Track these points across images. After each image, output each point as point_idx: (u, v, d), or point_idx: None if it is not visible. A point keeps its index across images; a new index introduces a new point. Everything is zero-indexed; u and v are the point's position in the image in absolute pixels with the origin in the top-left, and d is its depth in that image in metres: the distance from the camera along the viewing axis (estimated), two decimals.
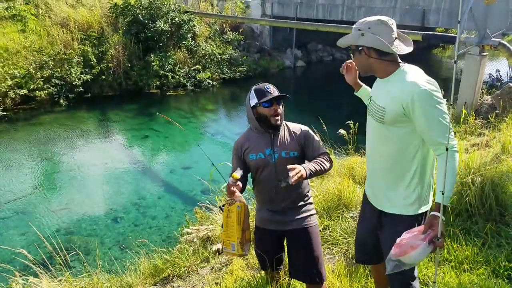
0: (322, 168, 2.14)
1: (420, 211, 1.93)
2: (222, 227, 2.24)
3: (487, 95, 6.57)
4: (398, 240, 1.76)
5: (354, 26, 1.97)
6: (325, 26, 12.61)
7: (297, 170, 1.96)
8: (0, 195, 7.56)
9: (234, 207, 2.11)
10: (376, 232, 2.10)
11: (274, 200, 2.27)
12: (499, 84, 9.15)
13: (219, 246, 3.37)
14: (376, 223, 2.09)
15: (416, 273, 1.99)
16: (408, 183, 1.90)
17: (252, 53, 18.84)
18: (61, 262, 3.87)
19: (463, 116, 5.74)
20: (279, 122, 2.23)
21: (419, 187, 1.91)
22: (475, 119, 5.97)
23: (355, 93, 2.49)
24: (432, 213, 1.77)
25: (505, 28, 6.11)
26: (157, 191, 7.94)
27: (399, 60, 1.92)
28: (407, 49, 1.92)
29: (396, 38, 1.92)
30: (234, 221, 2.11)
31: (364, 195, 2.24)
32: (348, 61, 2.38)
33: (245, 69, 16.93)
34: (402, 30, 10.41)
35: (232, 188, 2.13)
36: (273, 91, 2.28)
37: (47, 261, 5.69)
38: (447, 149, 1.69)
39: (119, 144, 10.50)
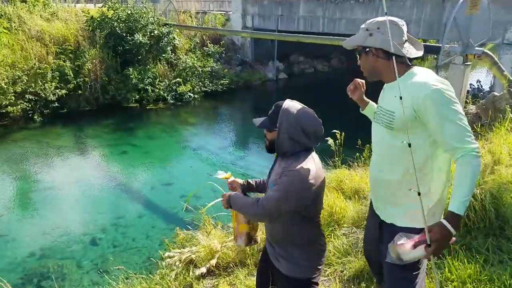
0: (245, 209, 1.91)
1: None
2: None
3: (471, 104, 6.62)
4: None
5: (362, 26, 1.86)
6: (307, 37, 12.69)
7: (225, 197, 2.00)
8: None
9: None
10: (378, 243, 1.98)
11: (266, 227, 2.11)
12: (480, 94, 9.32)
13: (203, 270, 3.15)
14: (378, 235, 1.99)
15: None
16: (417, 195, 1.75)
17: (234, 66, 18.79)
18: None
19: None
20: (267, 146, 2.02)
21: (429, 201, 1.77)
22: None
23: (361, 111, 2.32)
24: (441, 219, 1.62)
25: (487, 38, 6.22)
26: (137, 210, 7.63)
27: (409, 63, 1.80)
28: (418, 53, 1.81)
29: (406, 40, 1.82)
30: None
31: (371, 204, 2.11)
32: (357, 79, 2.23)
33: (227, 81, 16.82)
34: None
35: (232, 186, 2.25)
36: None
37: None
38: (465, 154, 1.57)
39: (96, 161, 10.13)
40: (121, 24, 14.94)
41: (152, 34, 15.36)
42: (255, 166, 9.67)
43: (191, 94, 15.26)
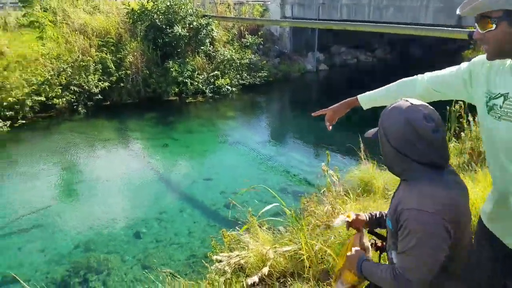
0: (382, 284, 1.44)
1: None
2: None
3: None
4: None
5: None
6: (353, 25, 12.14)
7: (353, 257, 1.57)
8: (18, 207, 7.45)
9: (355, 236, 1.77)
10: (500, 281, 1.65)
11: None
12: None
13: (255, 279, 3.04)
14: (503, 267, 1.63)
15: None
16: None
17: (272, 58, 18.56)
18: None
19: None
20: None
21: None
22: None
23: (365, 108, 2.18)
24: None
25: None
26: (178, 204, 7.70)
27: None
28: None
29: None
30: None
31: (482, 227, 1.74)
32: (327, 116, 2.21)
33: (265, 74, 16.65)
34: (437, 28, 9.78)
35: (355, 227, 1.79)
36: None
37: (68, 280, 5.52)
38: None
39: (139, 154, 10.34)
40: (160, 16, 15.12)
41: (191, 26, 15.43)
42: (295, 162, 9.49)
43: (229, 87, 15.24)
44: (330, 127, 2.30)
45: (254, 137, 11.57)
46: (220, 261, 3.54)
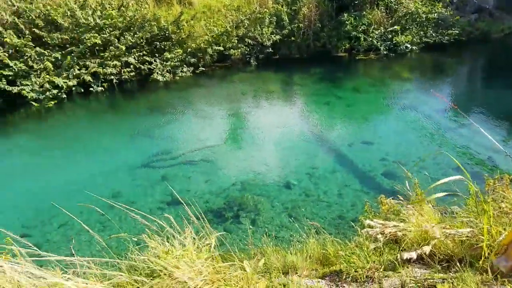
0: None
1: None
2: None
3: None
4: None
5: None
6: None
7: None
8: (192, 142, 8.54)
9: None
10: None
11: None
12: None
13: (413, 254, 2.62)
14: None
15: None
16: None
17: (468, 13, 15.77)
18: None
19: None
20: None
21: None
22: None
23: None
24: None
25: None
26: (332, 164, 7.51)
27: None
28: None
29: None
30: None
31: None
32: None
33: (457, 32, 14.33)
34: None
35: None
36: None
37: (222, 212, 6.11)
38: None
39: (300, 108, 10.47)
40: None
41: None
42: (479, 138, 7.97)
43: (408, 45, 13.74)
44: None
45: (431, 103, 10.21)
46: (372, 227, 3.21)
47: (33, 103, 10.16)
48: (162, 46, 12.56)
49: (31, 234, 5.78)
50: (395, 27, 13.99)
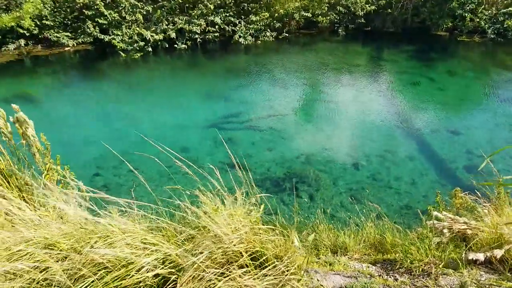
0: None
1: None
2: None
3: None
4: None
5: None
6: None
7: None
8: (262, 108, 8.51)
9: None
10: None
11: None
12: None
13: (480, 256, 2.31)
14: None
15: None
16: None
17: None
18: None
19: None
20: None
21: None
22: None
23: None
24: None
25: None
26: (409, 150, 6.99)
27: None
28: None
29: None
30: None
31: None
32: None
33: None
34: None
35: None
36: None
37: (281, 182, 6.06)
38: None
39: (384, 86, 9.82)
40: None
41: None
42: None
43: None
44: None
45: None
46: (440, 220, 2.90)
47: (121, 53, 10.87)
48: (250, 8, 12.50)
49: (102, 174, 6.28)
50: (510, 8, 12.29)
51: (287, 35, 12.74)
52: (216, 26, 12.16)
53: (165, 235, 1.62)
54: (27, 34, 10.88)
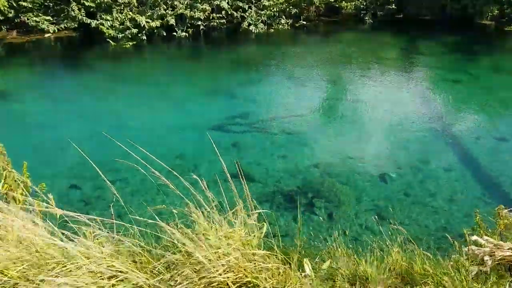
0: None
1: None
2: None
3: None
4: None
5: None
6: None
7: None
8: (276, 108, 8.52)
9: None
10: None
11: None
12: None
13: None
14: None
15: None
16: None
17: None
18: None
19: None
20: None
21: None
22: None
23: None
24: None
25: None
26: (448, 159, 6.90)
27: None
28: None
29: None
30: None
31: None
32: None
33: None
34: None
35: None
36: None
37: (294, 196, 6.00)
38: None
39: (419, 84, 9.76)
40: None
41: None
42: None
43: None
44: None
45: None
46: (480, 245, 2.83)
47: (110, 41, 10.98)
48: None
49: (79, 186, 6.23)
50: None
51: (304, 22, 12.77)
52: (223, 12, 12.23)
53: (137, 261, 1.57)
54: (1, 18, 11.04)
